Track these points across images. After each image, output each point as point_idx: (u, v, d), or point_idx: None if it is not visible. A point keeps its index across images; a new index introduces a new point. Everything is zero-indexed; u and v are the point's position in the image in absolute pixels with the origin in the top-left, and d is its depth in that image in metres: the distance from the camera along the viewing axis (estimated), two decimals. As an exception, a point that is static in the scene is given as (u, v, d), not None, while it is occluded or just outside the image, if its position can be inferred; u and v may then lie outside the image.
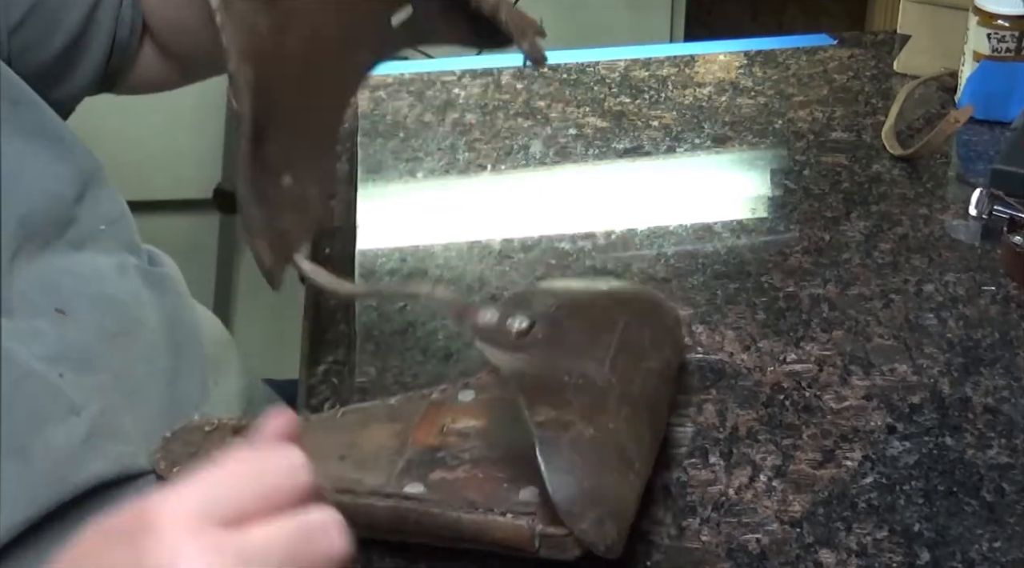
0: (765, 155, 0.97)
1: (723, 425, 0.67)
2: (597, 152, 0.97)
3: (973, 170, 0.94)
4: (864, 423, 0.66)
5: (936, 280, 0.79)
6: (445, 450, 0.61)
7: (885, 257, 0.82)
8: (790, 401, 0.68)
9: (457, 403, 0.64)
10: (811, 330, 0.74)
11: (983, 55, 0.97)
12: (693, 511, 0.61)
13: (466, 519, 0.57)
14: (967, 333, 0.74)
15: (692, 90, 1.07)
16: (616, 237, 0.86)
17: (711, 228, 0.87)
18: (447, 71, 1.12)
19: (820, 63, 1.12)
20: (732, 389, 0.70)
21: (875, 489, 0.62)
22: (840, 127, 1.00)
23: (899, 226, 0.86)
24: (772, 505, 0.61)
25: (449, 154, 0.98)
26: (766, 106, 1.04)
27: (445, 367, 0.73)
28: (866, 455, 0.64)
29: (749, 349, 0.73)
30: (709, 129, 1.00)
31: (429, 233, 0.88)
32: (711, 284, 0.80)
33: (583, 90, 1.07)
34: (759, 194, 0.92)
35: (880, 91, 1.06)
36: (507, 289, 0.80)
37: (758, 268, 0.81)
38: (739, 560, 0.58)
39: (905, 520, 0.60)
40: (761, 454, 0.64)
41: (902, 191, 0.90)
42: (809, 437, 0.66)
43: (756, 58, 1.13)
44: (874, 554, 0.58)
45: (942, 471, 0.63)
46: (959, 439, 0.65)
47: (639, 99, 1.06)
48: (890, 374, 0.70)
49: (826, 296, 0.78)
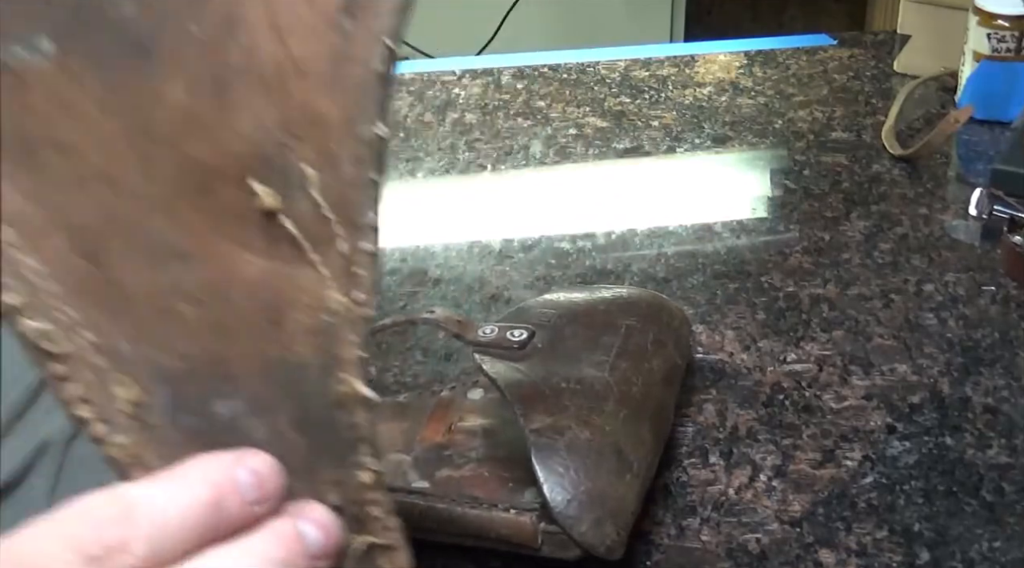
0: (765, 155, 0.97)
1: (723, 425, 0.67)
2: (597, 152, 0.97)
3: (973, 170, 0.94)
4: (864, 423, 0.66)
5: (936, 280, 0.79)
6: (452, 448, 0.61)
7: (885, 257, 0.82)
8: (790, 401, 0.68)
9: (466, 401, 0.64)
10: (811, 330, 0.75)
11: (983, 55, 0.97)
12: (693, 511, 0.61)
13: (470, 514, 0.57)
14: (967, 333, 0.74)
15: (692, 90, 1.07)
16: (616, 237, 0.86)
17: (711, 228, 0.87)
18: (447, 71, 1.12)
19: (820, 63, 1.12)
20: (732, 389, 0.70)
21: (875, 489, 0.62)
22: (840, 127, 1.00)
23: (899, 226, 0.86)
24: (772, 505, 0.61)
25: (449, 154, 0.98)
26: (766, 106, 1.04)
27: (445, 367, 0.73)
28: (866, 455, 0.64)
29: (749, 349, 0.73)
30: (709, 129, 1.00)
31: (429, 233, 0.88)
32: (711, 284, 0.80)
33: (583, 90, 1.08)
34: (759, 194, 0.92)
35: (880, 91, 1.06)
36: (507, 289, 0.80)
37: (758, 268, 0.81)
38: (739, 560, 0.58)
39: (905, 520, 0.60)
40: (761, 454, 0.64)
41: (902, 191, 0.90)
42: (809, 437, 0.66)
43: (756, 58, 1.13)
44: (874, 554, 0.58)
45: (942, 471, 0.63)
46: (959, 439, 0.65)
47: (639, 99, 1.06)
48: (890, 374, 0.70)
49: (826, 296, 0.78)
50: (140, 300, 0.33)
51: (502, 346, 0.62)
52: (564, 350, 0.62)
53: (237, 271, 0.33)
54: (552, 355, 0.62)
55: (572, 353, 0.62)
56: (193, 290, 0.33)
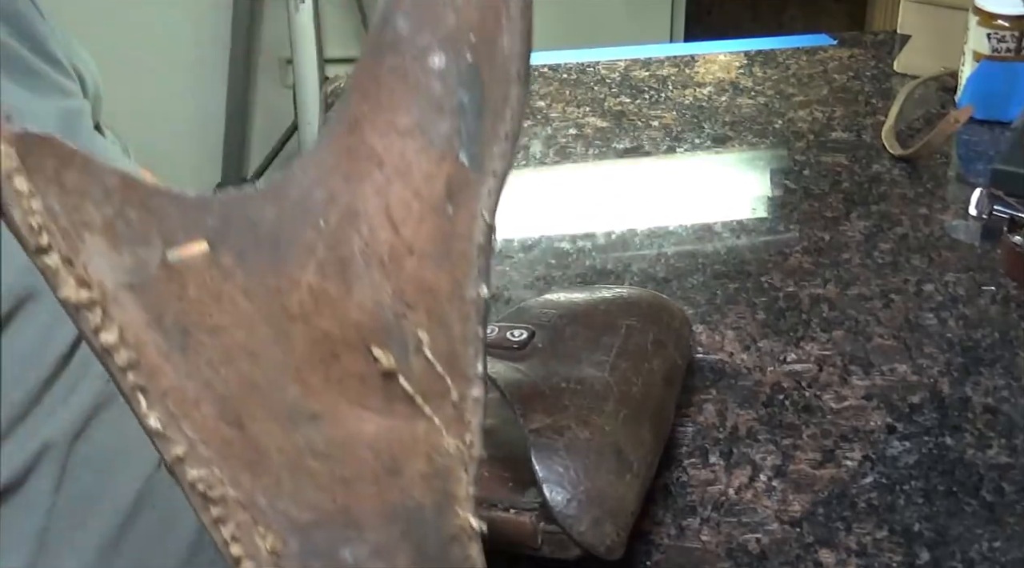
0: (765, 155, 0.97)
1: (723, 425, 0.67)
2: (597, 152, 0.97)
3: (973, 170, 0.94)
4: (864, 423, 0.66)
5: (936, 280, 0.79)
6: None
7: (885, 257, 0.82)
8: (790, 401, 0.68)
9: None
10: (811, 330, 0.75)
11: (983, 55, 0.97)
12: (693, 511, 0.61)
13: None
14: (967, 333, 0.74)
15: (692, 90, 1.07)
16: (616, 237, 0.86)
17: (711, 228, 0.87)
18: (447, 71, 1.12)
19: (820, 63, 1.12)
20: (732, 389, 0.70)
21: (875, 489, 0.62)
22: (840, 127, 1.00)
23: (899, 226, 0.86)
24: (772, 505, 0.61)
25: (449, 154, 0.98)
26: (766, 106, 1.04)
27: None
28: (866, 455, 0.64)
29: (749, 349, 0.73)
30: (709, 129, 1.00)
31: (429, 233, 0.87)
32: (711, 284, 0.80)
33: (583, 90, 1.08)
34: (759, 194, 0.92)
35: (880, 91, 1.06)
36: (507, 289, 0.80)
37: (758, 268, 0.81)
38: (739, 560, 0.58)
39: (905, 520, 0.60)
40: (761, 454, 0.64)
41: (902, 191, 0.90)
42: (809, 437, 0.66)
43: (756, 58, 1.13)
44: (874, 554, 0.58)
45: (942, 471, 0.63)
46: (959, 439, 0.65)
47: (639, 99, 1.06)
48: (890, 374, 0.70)
49: (826, 296, 0.78)
50: (275, 458, 0.37)
51: (502, 346, 0.62)
52: (564, 350, 0.62)
53: (360, 428, 0.37)
54: (552, 355, 0.62)
55: (572, 353, 0.62)
56: (321, 448, 0.37)
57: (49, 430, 0.64)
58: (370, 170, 0.37)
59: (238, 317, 0.37)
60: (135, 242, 0.36)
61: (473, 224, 0.38)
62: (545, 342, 0.62)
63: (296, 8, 1.88)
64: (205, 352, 0.37)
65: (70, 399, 0.64)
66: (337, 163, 0.37)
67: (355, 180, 0.37)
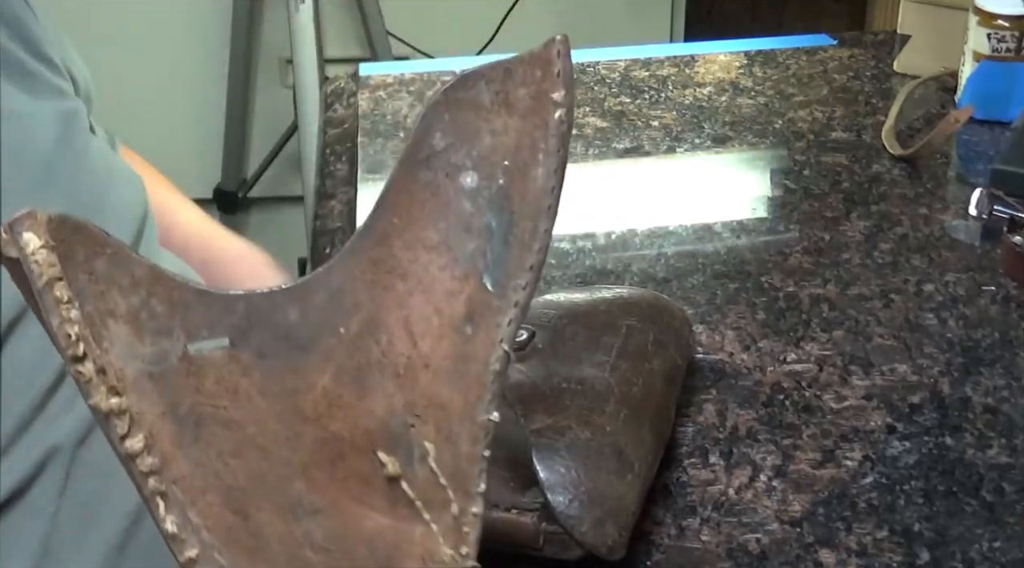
0: (765, 155, 0.97)
1: (723, 425, 0.67)
2: (597, 152, 0.97)
3: (973, 170, 0.94)
4: (864, 423, 0.66)
5: (936, 280, 0.79)
6: None
7: (885, 257, 0.82)
8: (790, 401, 0.68)
9: None
10: (811, 330, 0.75)
11: (983, 55, 0.97)
12: (693, 511, 0.61)
13: None
14: (967, 333, 0.74)
15: (692, 90, 1.07)
16: (616, 237, 0.86)
17: (711, 228, 0.87)
18: (447, 71, 1.12)
19: (820, 63, 1.12)
20: (732, 389, 0.70)
21: (875, 489, 0.62)
22: (840, 127, 1.00)
23: (899, 226, 0.86)
24: (772, 505, 0.61)
25: (449, 154, 0.98)
26: (766, 106, 1.04)
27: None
28: (866, 455, 0.64)
29: (749, 349, 0.73)
30: (709, 129, 1.00)
31: (429, 233, 0.87)
32: (711, 284, 0.80)
33: (583, 90, 1.08)
34: (759, 194, 0.92)
35: (880, 91, 1.06)
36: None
37: (758, 268, 0.81)
38: (739, 560, 0.58)
39: (905, 520, 0.60)
40: (761, 454, 0.64)
41: (902, 191, 0.90)
42: (809, 437, 0.66)
43: (756, 58, 1.13)
44: (874, 554, 0.58)
45: (942, 471, 0.63)
46: (959, 439, 0.65)
47: (639, 99, 1.06)
48: (890, 374, 0.70)
49: (826, 296, 0.78)
50: (275, 548, 0.38)
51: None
52: (564, 350, 0.62)
53: (360, 525, 0.38)
54: (552, 355, 0.62)
55: (572, 353, 0.62)
56: (321, 541, 0.38)
57: (53, 436, 0.63)
58: (393, 282, 0.39)
59: (252, 413, 0.38)
60: (158, 333, 0.37)
61: (492, 351, 0.39)
62: (545, 342, 0.62)
63: (296, 8, 1.88)
64: (217, 443, 0.38)
65: (74, 405, 0.64)
66: (363, 273, 0.39)
67: (379, 291, 0.39)
